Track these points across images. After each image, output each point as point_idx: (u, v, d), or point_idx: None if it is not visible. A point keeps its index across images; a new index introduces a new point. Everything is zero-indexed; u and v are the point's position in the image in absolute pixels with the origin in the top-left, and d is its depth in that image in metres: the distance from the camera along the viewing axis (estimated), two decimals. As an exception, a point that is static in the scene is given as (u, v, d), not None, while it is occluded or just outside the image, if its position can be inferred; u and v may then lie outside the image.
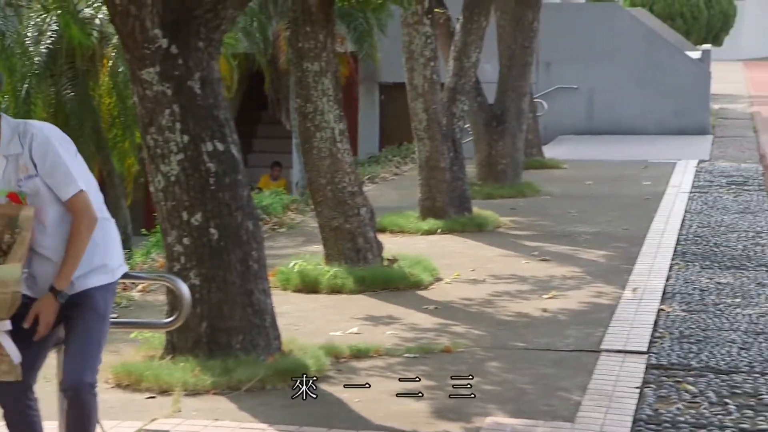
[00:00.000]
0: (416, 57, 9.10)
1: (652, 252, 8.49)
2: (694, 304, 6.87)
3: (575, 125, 18.52)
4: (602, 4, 19.51)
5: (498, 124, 11.67)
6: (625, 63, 18.12)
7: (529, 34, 11.73)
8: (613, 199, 11.39)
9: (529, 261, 8.21)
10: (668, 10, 26.97)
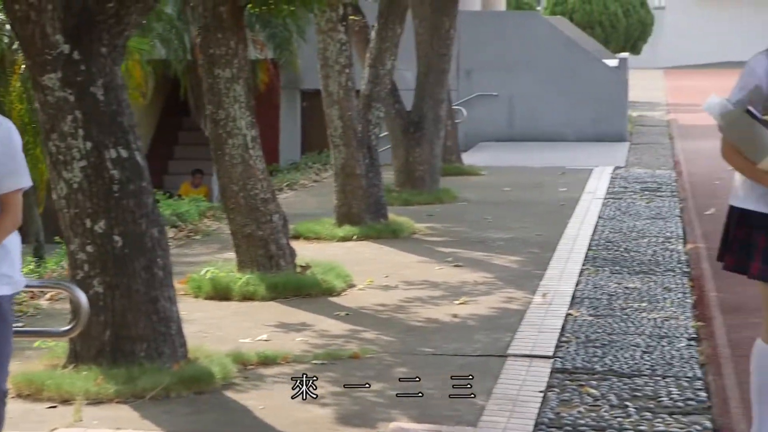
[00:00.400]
0: (331, 64, 9.13)
1: (563, 257, 8.60)
2: (601, 308, 6.98)
3: (496, 132, 18.68)
4: (521, 12, 19.76)
5: (415, 131, 11.73)
6: (545, 71, 18.34)
7: (446, 42, 11.82)
8: (530, 206, 11.52)
9: (443, 267, 8.27)
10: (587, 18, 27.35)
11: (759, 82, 4.25)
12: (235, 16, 7.10)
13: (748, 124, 4.21)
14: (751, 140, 4.23)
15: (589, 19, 27.31)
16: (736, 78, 4.34)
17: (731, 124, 4.26)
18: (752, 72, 4.31)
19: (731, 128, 4.28)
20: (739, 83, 4.34)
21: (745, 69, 4.37)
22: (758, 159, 4.20)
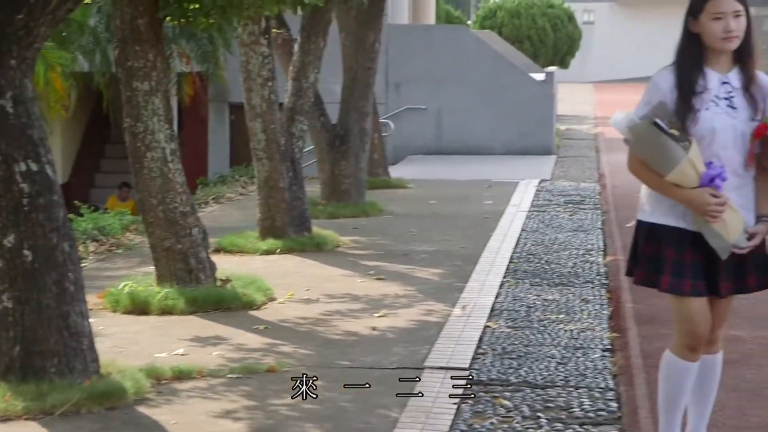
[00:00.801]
0: (254, 77, 9.12)
1: (485, 270, 8.66)
2: (519, 320, 7.04)
3: (424, 145, 18.79)
4: (450, 26, 19.89)
5: (341, 144, 11.75)
6: (473, 84, 18.48)
7: (371, 55, 11.86)
8: (455, 219, 11.58)
9: (365, 280, 8.28)
10: (516, 33, 27.61)
11: (663, 98, 4.33)
12: (153, 29, 7.06)
13: (655, 136, 4.28)
14: (658, 153, 4.29)
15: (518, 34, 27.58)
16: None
17: (639, 137, 4.33)
18: (657, 87, 4.38)
19: (639, 142, 4.35)
20: (644, 98, 4.42)
21: (650, 84, 4.44)
22: (666, 172, 4.27)
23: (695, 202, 4.26)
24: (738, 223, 4.33)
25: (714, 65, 4.35)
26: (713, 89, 4.33)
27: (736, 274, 4.39)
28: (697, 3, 4.33)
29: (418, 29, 19.33)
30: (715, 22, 4.27)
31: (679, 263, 4.35)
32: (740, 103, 4.34)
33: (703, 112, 4.31)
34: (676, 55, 4.40)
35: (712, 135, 4.31)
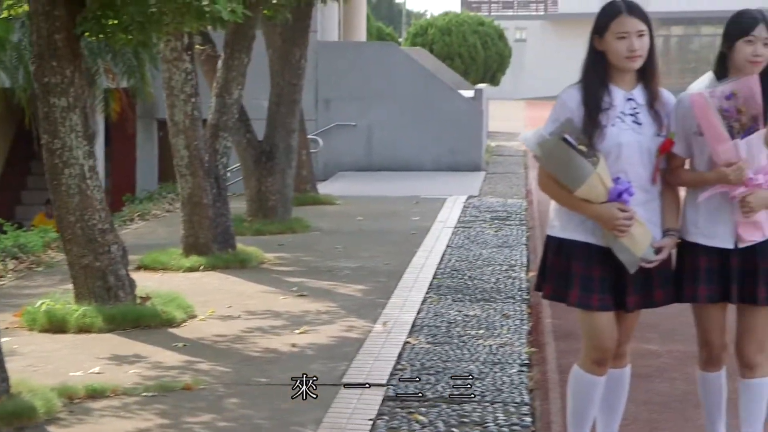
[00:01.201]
0: (176, 93, 9.08)
1: (408, 286, 8.69)
2: (440, 336, 7.07)
3: (355, 162, 18.82)
4: (379, 43, 19.98)
5: (267, 161, 11.73)
6: (402, 101, 18.57)
7: (297, 72, 11.87)
8: (381, 235, 11.61)
9: (287, 297, 8.27)
10: (447, 50, 27.80)
11: (570, 115, 4.39)
12: (70, 45, 7.00)
13: (564, 152, 4.33)
14: (567, 169, 4.35)
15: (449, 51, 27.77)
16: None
17: (548, 153, 4.38)
18: (564, 105, 4.45)
19: (548, 157, 4.40)
20: (552, 116, 4.48)
21: (557, 102, 4.51)
22: (575, 187, 4.33)
23: (603, 217, 4.32)
24: (645, 237, 4.40)
25: (619, 82, 4.42)
26: (619, 106, 4.41)
27: (644, 288, 4.46)
28: (602, 22, 4.41)
29: (348, 46, 19.38)
30: (620, 41, 4.35)
31: (587, 278, 4.40)
32: (645, 119, 4.43)
33: (609, 128, 4.38)
34: (583, 73, 4.47)
35: (618, 150, 4.38)
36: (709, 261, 4.45)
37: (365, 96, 18.63)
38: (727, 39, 4.47)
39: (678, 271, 4.52)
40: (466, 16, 28.54)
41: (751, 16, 4.43)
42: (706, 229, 4.45)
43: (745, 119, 4.32)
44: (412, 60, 18.84)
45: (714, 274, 4.44)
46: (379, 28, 30.96)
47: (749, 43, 4.39)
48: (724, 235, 4.43)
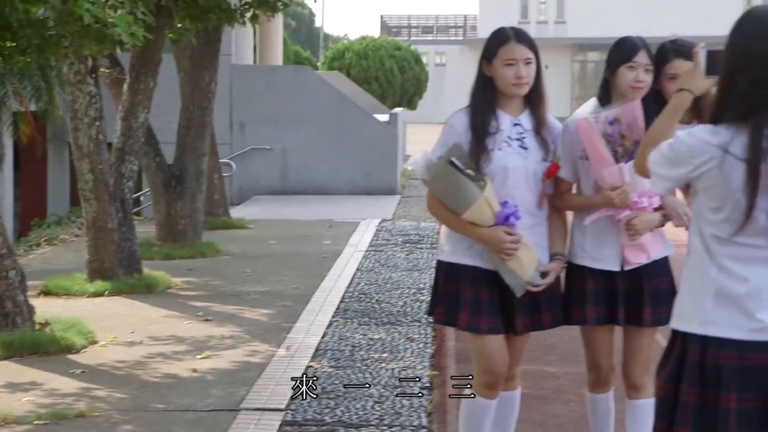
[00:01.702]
0: (80, 117, 8.99)
1: (315, 310, 8.67)
2: (343, 360, 7.06)
3: (270, 185, 18.78)
4: (294, 67, 19.98)
5: (177, 185, 11.65)
6: (317, 125, 18.59)
7: (207, 95, 11.82)
8: (292, 258, 11.58)
9: (192, 321, 8.20)
10: (364, 74, 27.92)
11: (458, 139, 4.44)
12: (-34, 67, 6.90)
13: (451, 176, 4.37)
14: (454, 192, 4.39)
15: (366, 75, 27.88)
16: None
17: (436, 177, 4.42)
18: (452, 129, 4.50)
19: (436, 181, 4.44)
20: (441, 140, 4.52)
21: (445, 126, 4.55)
22: (462, 210, 4.37)
23: (490, 240, 4.37)
24: (532, 260, 4.45)
25: (506, 108, 4.49)
26: (505, 130, 4.46)
27: (532, 311, 4.51)
28: (490, 48, 4.47)
29: (263, 70, 19.36)
30: (507, 68, 4.41)
31: (476, 301, 4.44)
32: (532, 144, 4.49)
33: (496, 152, 4.43)
34: (471, 98, 4.53)
35: (504, 174, 4.43)
36: (596, 283, 4.51)
37: (280, 120, 18.62)
38: (610, 65, 4.56)
39: (566, 293, 4.58)
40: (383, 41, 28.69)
41: (633, 42, 4.53)
42: (592, 252, 4.52)
43: (629, 144, 4.41)
44: (327, 84, 18.89)
45: (601, 296, 4.51)
46: (297, 51, 30.96)
47: (631, 69, 4.48)
48: (611, 257, 4.50)
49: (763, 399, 2.96)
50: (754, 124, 2.98)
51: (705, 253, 3.08)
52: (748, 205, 2.97)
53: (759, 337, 2.98)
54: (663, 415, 3.06)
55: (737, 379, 2.96)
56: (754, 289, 3.01)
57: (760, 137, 2.96)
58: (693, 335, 3.03)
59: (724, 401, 2.95)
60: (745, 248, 3.03)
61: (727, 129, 3.01)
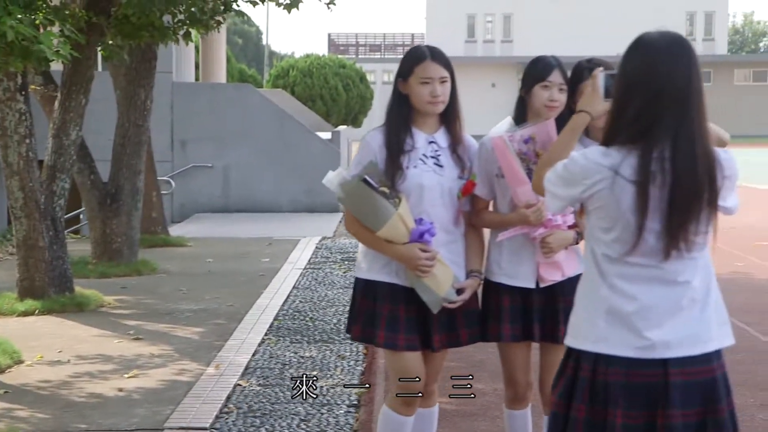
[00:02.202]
0: (10, 134, 8.90)
1: (248, 328, 8.64)
2: (272, 378, 7.03)
3: (211, 203, 18.71)
4: (235, 84, 19.93)
5: (112, 203, 11.56)
6: (259, 142, 18.56)
7: (143, 113, 11.75)
8: (229, 276, 11.53)
9: (122, 340, 8.13)
10: (309, 92, 27.91)
11: (374, 157, 4.45)
12: None
13: (365, 193, 4.38)
14: (369, 210, 4.40)
15: (311, 93, 27.88)
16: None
17: (350, 195, 4.42)
18: (368, 147, 4.51)
19: (351, 199, 4.44)
20: (357, 158, 4.54)
21: (361, 144, 4.57)
22: (377, 228, 4.38)
23: (406, 257, 4.38)
24: (448, 277, 4.47)
25: (421, 125, 4.51)
26: (421, 148, 4.48)
27: (450, 327, 4.52)
28: (406, 66, 4.49)
29: (204, 87, 19.29)
30: (423, 86, 4.43)
31: (393, 318, 4.44)
32: (447, 161, 4.51)
33: (411, 169, 4.45)
34: (386, 115, 4.54)
35: (420, 192, 4.45)
36: (512, 300, 4.54)
37: (222, 137, 18.57)
38: (525, 84, 4.60)
39: (483, 310, 4.60)
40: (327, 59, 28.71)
41: (547, 62, 4.58)
42: (508, 269, 4.55)
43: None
44: (269, 101, 18.87)
45: (517, 313, 4.54)
46: (242, 69, 30.89)
47: (545, 89, 4.53)
48: (526, 275, 4.53)
49: (647, 415, 3.00)
50: (643, 147, 3.05)
51: (597, 273, 3.15)
52: (637, 226, 3.04)
53: (646, 354, 3.04)
54: (555, 431, 3.09)
55: (624, 396, 3.01)
56: (643, 307, 3.07)
57: (649, 160, 3.03)
58: (586, 353, 3.09)
59: (611, 416, 2.98)
60: (635, 267, 3.09)
61: (618, 151, 3.08)
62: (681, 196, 3.02)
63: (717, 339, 3.10)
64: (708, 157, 3.06)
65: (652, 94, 3.06)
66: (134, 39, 9.25)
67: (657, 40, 3.12)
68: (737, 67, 61.64)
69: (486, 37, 63.59)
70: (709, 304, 3.12)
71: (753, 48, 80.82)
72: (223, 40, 23.27)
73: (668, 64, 3.09)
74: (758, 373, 7.24)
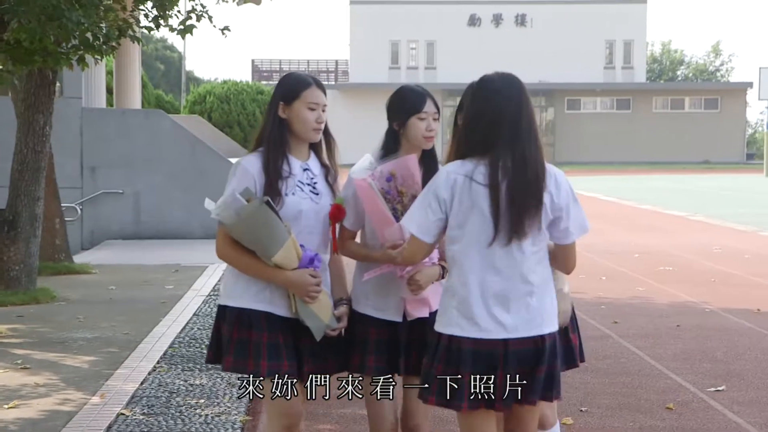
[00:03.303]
0: None
1: (140, 356, 8.52)
2: (157, 406, 6.94)
3: (122, 230, 18.50)
4: (146, 110, 19.76)
5: (10, 230, 11.37)
6: (170, 168, 18.41)
7: (42, 139, 11.57)
8: (129, 304, 11.39)
9: (8, 370, 7.97)
10: (226, 118, 27.80)
11: (251, 182, 4.40)
12: None
13: (266, 217, 4.27)
14: (266, 234, 4.28)
15: (228, 119, 27.77)
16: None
17: (248, 218, 4.27)
18: (245, 172, 4.44)
19: (247, 223, 4.29)
20: (232, 184, 4.46)
21: (238, 169, 4.49)
22: (272, 253, 4.28)
23: (297, 283, 4.34)
24: (328, 304, 4.46)
25: (296, 152, 4.51)
26: (297, 174, 4.47)
27: (318, 356, 4.51)
28: (292, 90, 4.48)
29: (114, 113, 19.10)
30: (310, 111, 4.44)
31: (274, 345, 4.40)
32: (323, 188, 4.51)
33: (290, 196, 4.42)
34: (265, 140, 4.50)
35: (297, 218, 4.43)
36: (378, 333, 4.53)
37: (132, 163, 18.39)
38: (398, 116, 4.59)
39: (349, 340, 4.57)
40: (245, 85, 28.60)
41: (419, 93, 4.59)
42: (376, 302, 4.54)
43: (407, 200, 4.43)
44: (181, 127, 18.74)
45: (383, 345, 4.52)
46: (159, 95, 30.67)
47: (422, 119, 4.54)
48: (394, 308, 4.53)
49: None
50: (490, 159, 3.96)
51: (453, 266, 4.02)
52: (492, 221, 3.92)
53: (487, 335, 3.95)
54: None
55: (472, 362, 3.95)
56: (486, 295, 3.96)
57: (496, 168, 3.93)
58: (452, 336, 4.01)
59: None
60: (487, 258, 3.94)
61: (470, 162, 3.99)
62: (517, 194, 3.91)
63: (548, 324, 4.01)
64: (537, 164, 3.96)
65: (493, 120, 3.99)
66: (26, 64, 9.13)
67: (495, 80, 4.05)
68: (656, 95, 62.71)
69: (410, 64, 63.99)
70: (546, 294, 4.01)
71: (671, 76, 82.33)
72: (137, 65, 23.10)
73: (504, 97, 4.00)
74: (641, 396, 7.31)
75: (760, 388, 7.56)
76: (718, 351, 8.90)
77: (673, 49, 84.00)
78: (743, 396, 7.32)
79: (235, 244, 4.41)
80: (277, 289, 4.41)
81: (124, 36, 9.62)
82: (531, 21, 62.47)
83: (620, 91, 61.66)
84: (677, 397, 7.29)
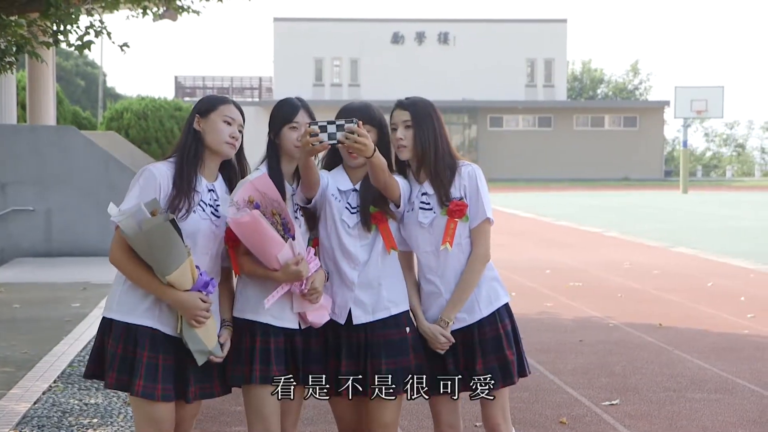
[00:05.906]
0: None
1: (37, 375, 8.39)
2: (48, 427, 6.84)
3: (34, 247, 18.21)
4: (57, 127, 19.49)
5: None
6: (83, 185, 18.18)
7: (-58, 155, 11.37)
8: (32, 323, 11.21)
9: None
10: (144, 134, 27.55)
11: (157, 192, 4.34)
12: None
13: (168, 235, 4.18)
14: (165, 251, 4.19)
15: (146, 135, 27.53)
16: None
17: (150, 232, 4.18)
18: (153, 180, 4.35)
19: (145, 236, 4.20)
20: (136, 191, 4.36)
21: (145, 176, 4.39)
22: (168, 271, 4.20)
23: (187, 305, 4.29)
24: (215, 330, 4.42)
25: (205, 172, 4.48)
26: (202, 193, 4.45)
27: (203, 379, 4.48)
28: (211, 104, 4.47)
29: (24, 129, 18.83)
30: (226, 125, 4.43)
31: (152, 366, 4.34)
32: (224, 212, 4.47)
33: (192, 213, 4.38)
34: (180, 152, 4.46)
35: (194, 238, 4.38)
36: (276, 342, 4.52)
37: (44, 180, 18.14)
38: (273, 127, 4.63)
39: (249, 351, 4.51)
40: (163, 102, 28.39)
41: (293, 103, 4.63)
42: (275, 311, 4.53)
43: (280, 219, 4.44)
44: (94, 144, 18.53)
45: (281, 354, 4.51)
46: (76, 111, 30.32)
47: (293, 129, 4.57)
48: (291, 316, 4.54)
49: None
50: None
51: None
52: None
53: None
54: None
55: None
56: None
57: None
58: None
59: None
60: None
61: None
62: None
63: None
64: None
65: None
66: None
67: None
68: (576, 113, 63.54)
69: (333, 81, 64.09)
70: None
71: (591, 94, 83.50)
72: (51, 81, 22.81)
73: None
74: (536, 411, 7.38)
75: (653, 401, 7.67)
76: (618, 365, 9.01)
77: (593, 68, 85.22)
78: (636, 409, 7.43)
79: (130, 252, 4.32)
80: (167, 306, 4.37)
81: (22, 52, 9.49)
82: (454, 39, 62.97)
83: (542, 108, 62.41)
84: (571, 411, 7.37)
